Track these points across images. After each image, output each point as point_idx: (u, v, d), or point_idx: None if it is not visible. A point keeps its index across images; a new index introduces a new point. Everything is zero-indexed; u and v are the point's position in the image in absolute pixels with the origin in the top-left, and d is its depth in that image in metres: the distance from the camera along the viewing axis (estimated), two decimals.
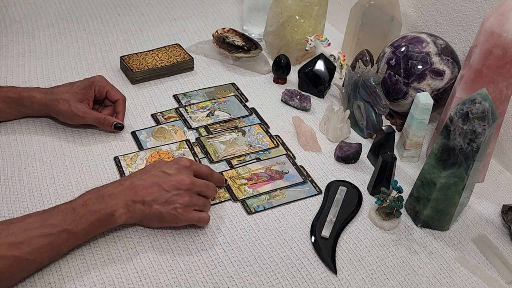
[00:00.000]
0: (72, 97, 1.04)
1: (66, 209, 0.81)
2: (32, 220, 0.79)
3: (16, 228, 0.78)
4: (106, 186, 0.86)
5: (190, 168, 0.90)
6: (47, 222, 0.79)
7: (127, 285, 0.82)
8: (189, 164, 0.91)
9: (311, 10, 1.30)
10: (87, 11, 1.49)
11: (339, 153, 1.08)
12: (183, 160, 0.91)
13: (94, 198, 0.84)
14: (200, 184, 0.90)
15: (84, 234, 0.83)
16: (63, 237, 0.80)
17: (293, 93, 1.21)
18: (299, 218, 0.95)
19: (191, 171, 0.90)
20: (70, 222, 0.80)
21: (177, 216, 0.87)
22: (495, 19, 0.93)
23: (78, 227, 0.81)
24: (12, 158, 1.01)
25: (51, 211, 0.82)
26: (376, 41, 1.26)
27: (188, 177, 0.88)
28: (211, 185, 0.92)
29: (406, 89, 1.11)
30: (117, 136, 1.08)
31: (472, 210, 1.02)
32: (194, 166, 0.91)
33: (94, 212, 0.82)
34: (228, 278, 0.85)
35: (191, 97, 1.21)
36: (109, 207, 0.83)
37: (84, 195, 0.85)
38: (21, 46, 1.32)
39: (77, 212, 0.81)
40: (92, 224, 0.82)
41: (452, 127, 0.86)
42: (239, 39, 1.34)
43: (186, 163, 0.90)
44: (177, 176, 0.88)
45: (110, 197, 0.84)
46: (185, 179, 0.88)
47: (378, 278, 0.87)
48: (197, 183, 0.89)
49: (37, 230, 0.78)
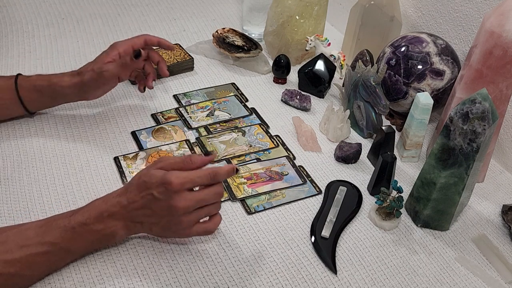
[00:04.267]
0: (96, 64, 1.02)
1: (65, 227, 0.78)
2: (29, 234, 0.77)
3: (13, 244, 0.76)
4: (105, 202, 0.81)
5: (181, 192, 0.79)
6: (45, 239, 0.77)
7: (127, 285, 0.82)
8: (178, 188, 0.78)
9: (311, 10, 1.30)
10: (87, 11, 1.49)
11: (339, 153, 1.08)
12: (172, 184, 0.78)
13: (93, 217, 0.79)
14: (198, 201, 0.80)
15: (82, 252, 0.82)
16: (60, 255, 0.79)
17: (293, 93, 1.21)
18: (299, 218, 0.96)
19: (184, 191, 0.79)
20: (68, 240, 0.78)
21: (181, 236, 0.85)
22: (495, 19, 0.93)
23: (77, 245, 0.80)
24: (12, 158, 1.01)
25: (49, 226, 0.78)
26: (376, 41, 1.26)
27: (180, 202, 0.78)
28: (211, 193, 0.81)
29: (406, 89, 1.11)
30: (117, 136, 1.08)
31: (472, 210, 1.02)
32: (186, 186, 0.79)
33: (94, 232, 0.80)
34: (228, 278, 0.85)
35: (191, 97, 1.21)
36: (109, 228, 0.80)
37: (84, 211, 0.80)
38: (21, 46, 1.32)
39: (76, 231, 0.78)
40: (91, 243, 0.81)
41: (452, 127, 0.86)
42: (239, 39, 1.34)
43: (175, 188, 0.78)
44: (168, 202, 0.79)
45: (109, 218, 0.80)
46: (177, 206, 0.78)
47: (378, 278, 0.87)
48: (192, 204, 0.79)
49: (34, 247, 0.76)
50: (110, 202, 0.80)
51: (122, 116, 1.14)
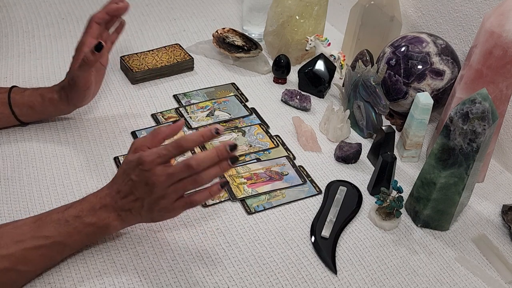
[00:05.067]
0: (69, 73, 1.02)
1: (59, 220, 0.79)
2: (24, 230, 0.77)
3: (8, 239, 0.76)
4: (96, 195, 0.82)
5: (153, 169, 0.78)
6: (40, 233, 0.77)
7: (127, 285, 0.82)
8: (150, 166, 0.78)
9: (311, 10, 1.30)
10: (87, 11, 1.48)
11: (339, 153, 1.08)
12: (144, 164, 0.78)
13: (86, 210, 0.80)
14: (169, 175, 0.78)
15: (78, 245, 0.82)
16: (56, 248, 0.79)
17: (293, 93, 1.21)
18: (299, 218, 0.95)
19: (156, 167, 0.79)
20: (63, 234, 0.79)
21: (169, 215, 0.83)
22: (495, 19, 0.93)
23: (71, 239, 0.80)
24: (12, 158, 1.01)
25: (44, 220, 0.79)
26: (376, 41, 1.26)
27: (154, 178, 0.78)
28: (180, 166, 0.78)
29: (406, 89, 1.11)
30: (117, 136, 1.08)
31: (472, 210, 1.02)
32: (157, 161, 0.78)
33: (88, 224, 0.80)
34: (228, 278, 0.85)
35: (191, 97, 1.21)
36: (102, 220, 0.81)
37: (76, 205, 0.81)
38: (21, 46, 1.32)
39: (70, 224, 0.79)
40: (86, 235, 0.81)
41: (452, 127, 0.86)
42: (239, 39, 1.34)
43: (147, 166, 0.78)
44: (145, 181, 0.79)
45: (101, 210, 0.80)
46: (153, 183, 0.78)
47: (378, 278, 0.87)
48: (164, 179, 0.78)
49: (29, 242, 0.76)
50: (100, 195, 0.82)
51: (122, 116, 1.14)
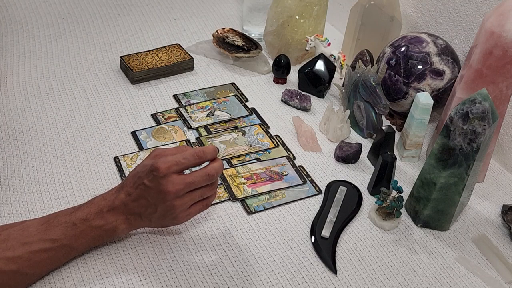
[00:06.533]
0: None
1: (66, 223, 0.78)
2: (31, 232, 0.77)
3: (15, 241, 0.76)
4: (104, 198, 0.81)
5: (168, 176, 0.78)
6: (47, 236, 0.77)
7: (127, 285, 0.82)
8: (165, 173, 0.78)
9: (311, 10, 1.30)
10: (87, 11, 1.49)
11: (339, 153, 1.08)
12: (159, 170, 0.78)
13: (94, 212, 0.79)
14: (187, 184, 0.79)
15: (84, 248, 0.82)
16: (62, 251, 0.79)
17: (293, 93, 1.21)
18: (299, 218, 0.95)
19: (171, 175, 0.79)
20: (70, 237, 0.78)
21: (179, 221, 0.84)
22: (495, 19, 0.93)
23: (78, 242, 0.80)
24: (12, 158, 1.01)
25: (51, 223, 0.78)
26: (376, 41, 1.26)
27: (169, 186, 0.78)
28: (200, 175, 0.80)
29: (406, 89, 1.11)
30: (117, 136, 1.08)
31: (472, 210, 1.02)
32: (173, 169, 0.78)
33: (95, 228, 0.80)
34: (228, 278, 0.85)
35: (191, 97, 1.21)
36: (110, 223, 0.80)
37: (84, 207, 0.80)
38: (21, 46, 1.32)
39: (77, 227, 0.79)
40: (93, 239, 0.81)
41: (452, 127, 0.86)
42: (239, 39, 1.34)
43: (162, 173, 0.78)
44: (158, 188, 0.78)
45: (109, 212, 0.80)
46: (167, 190, 0.78)
47: (378, 278, 0.87)
48: (181, 187, 0.79)
49: (36, 245, 0.76)
50: (109, 198, 0.81)
51: (122, 116, 1.14)
